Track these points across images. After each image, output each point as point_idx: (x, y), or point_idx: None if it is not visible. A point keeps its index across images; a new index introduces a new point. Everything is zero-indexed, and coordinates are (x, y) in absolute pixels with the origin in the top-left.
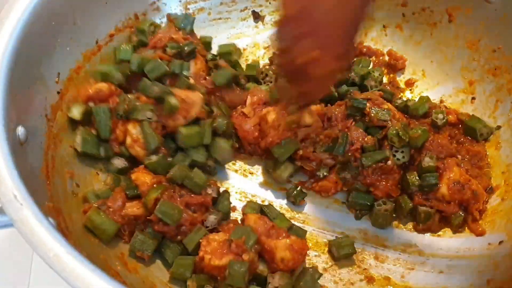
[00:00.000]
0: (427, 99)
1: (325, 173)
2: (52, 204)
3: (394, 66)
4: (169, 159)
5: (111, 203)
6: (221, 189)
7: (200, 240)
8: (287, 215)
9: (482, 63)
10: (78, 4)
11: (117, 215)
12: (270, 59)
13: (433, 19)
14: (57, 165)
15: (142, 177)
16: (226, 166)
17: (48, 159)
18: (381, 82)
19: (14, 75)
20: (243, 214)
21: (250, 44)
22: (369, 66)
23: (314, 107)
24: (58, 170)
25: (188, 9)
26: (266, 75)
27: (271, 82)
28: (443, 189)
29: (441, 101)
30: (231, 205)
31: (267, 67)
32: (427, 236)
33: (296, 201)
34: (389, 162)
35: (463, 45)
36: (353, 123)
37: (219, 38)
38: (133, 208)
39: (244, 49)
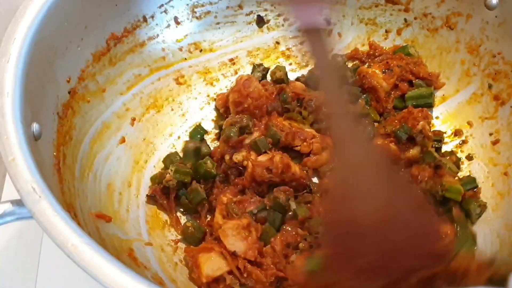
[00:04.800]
0: None
1: None
2: (65, 200)
3: None
4: None
5: None
6: None
7: None
8: None
9: (483, 68)
10: (89, 5)
11: None
12: None
13: (435, 24)
14: (68, 162)
15: None
16: None
17: (60, 155)
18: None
19: (29, 74)
20: None
21: (255, 48)
22: None
23: None
24: (69, 167)
25: (195, 12)
26: None
27: None
28: None
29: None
30: None
31: None
32: None
33: None
34: None
35: (464, 51)
36: None
37: (225, 41)
38: None
39: (249, 52)
